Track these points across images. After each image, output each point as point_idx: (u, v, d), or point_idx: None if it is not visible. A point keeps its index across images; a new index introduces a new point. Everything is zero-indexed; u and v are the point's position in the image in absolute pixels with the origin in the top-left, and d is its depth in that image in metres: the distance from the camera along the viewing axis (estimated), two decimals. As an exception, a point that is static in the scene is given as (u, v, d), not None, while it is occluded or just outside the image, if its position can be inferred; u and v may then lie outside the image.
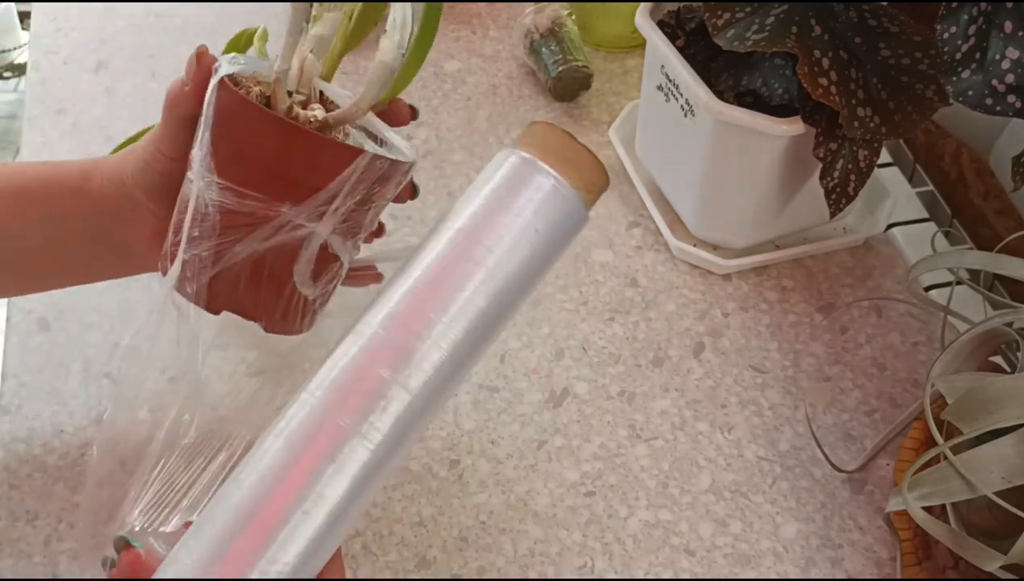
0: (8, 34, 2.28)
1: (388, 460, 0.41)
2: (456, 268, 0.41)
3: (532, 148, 0.44)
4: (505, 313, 0.42)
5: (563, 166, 0.43)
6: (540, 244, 0.42)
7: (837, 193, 0.64)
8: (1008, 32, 0.51)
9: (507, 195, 0.43)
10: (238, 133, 0.48)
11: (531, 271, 0.43)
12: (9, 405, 0.65)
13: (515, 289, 0.42)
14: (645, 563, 0.59)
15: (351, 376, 0.40)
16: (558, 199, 0.43)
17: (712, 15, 0.63)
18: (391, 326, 0.41)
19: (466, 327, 0.41)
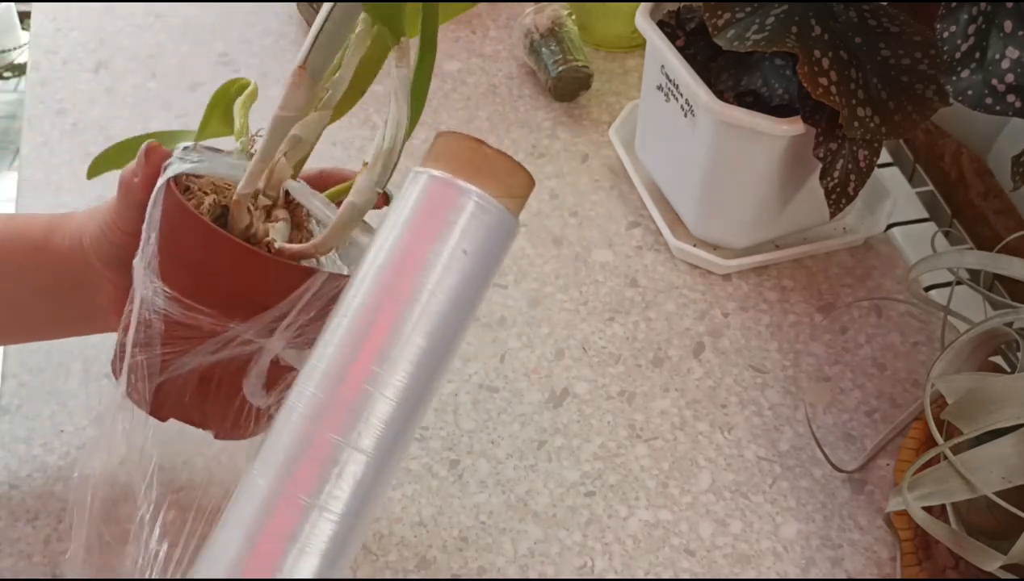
0: (8, 34, 2.28)
1: (355, 527, 0.37)
2: (387, 310, 0.38)
3: (443, 163, 0.40)
4: (449, 345, 0.40)
5: (480, 177, 0.40)
6: (472, 265, 0.39)
7: (837, 193, 0.65)
8: (1008, 32, 0.51)
9: (427, 221, 0.39)
10: (184, 244, 0.45)
11: (468, 295, 0.40)
12: (9, 405, 0.65)
13: (455, 318, 0.39)
14: (645, 563, 0.59)
15: (298, 448, 0.37)
16: (482, 214, 0.40)
17: (712, 15, 0.63)
18: (329, 386, 0.37)
19: (410, 371, 0.38)
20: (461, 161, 0.40)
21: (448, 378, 0.67)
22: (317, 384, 0.37)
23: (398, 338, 0.38)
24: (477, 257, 0.40)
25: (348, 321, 0.38)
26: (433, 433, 0.65)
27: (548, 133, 0.85)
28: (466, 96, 0.88)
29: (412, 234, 0.39)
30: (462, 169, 0.40)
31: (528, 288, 0.73)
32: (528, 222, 0.78)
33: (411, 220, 0.39)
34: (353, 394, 0.37)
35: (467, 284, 0.39)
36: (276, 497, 0.36)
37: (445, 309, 0.39)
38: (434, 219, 0.39)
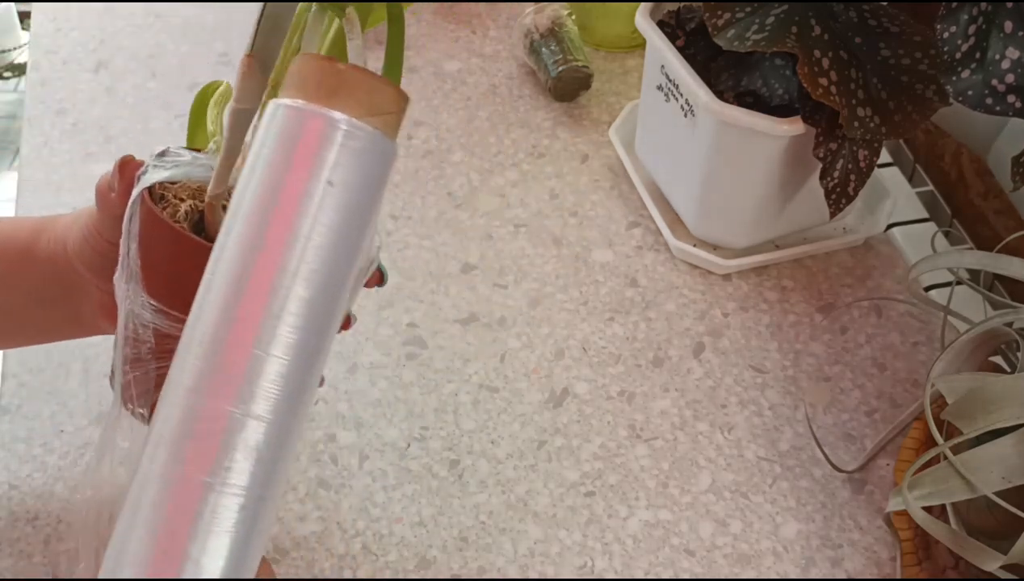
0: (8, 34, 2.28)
1: (265, 499, 0.35)
2: (260, 264, 0.35)
3: (295, 90, 0.36)
4: (337, 288, 0.36)
5: (337, 99, 0.36)
6: (345, 197, 0.35)
7: (837, 193, 0.64)
8: (1008, 32, 0.51)
9: (287, 158, 0.35)
10: (161, 255, 0.44)
11: (347, 231, 0.36)
12: (9, 405, 0.65)
13: (337, 259, 0.36)
14: (645, 563, 0.59)
15: (188, 424, 0.34)
16: (347, 140, 0.36)
17: (712, 15, 0.63)
18: (211, 353, 0.34)
19: (297, 324, 0.35)
20: (314, 84, 0.36)
21: (448, 378, 0.67)
22: (197, 353, 0.34)
23: (278, 291, 0.35)
24: (350, 187, 0.36)
25: (220, 280, 0.35)
26: (433, 433, 0.65)
27: (548, 133, 0.85)
28: (466, 96, 0.88)
29: (273, 175, 0.35)
30: (316, 93, 0.36)
31: (528, 288, 0.73)
32: (528, 222, 0.78)
33: (267, 159, 0.36)
34: (239, 358, 0.34)
35: (344, 220, 0.36)
36: (173, 482, 0.34)
37: (324, 252, 0.35)
38: (294, 154, 0.35)
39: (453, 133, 0.85)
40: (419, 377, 0.68)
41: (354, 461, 0.63)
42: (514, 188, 0.81)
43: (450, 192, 0.80)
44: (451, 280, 0.74)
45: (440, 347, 0.69)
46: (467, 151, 0.84)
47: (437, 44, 0.93)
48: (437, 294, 0.73)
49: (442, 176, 0.81)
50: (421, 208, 0.79)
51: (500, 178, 0.82)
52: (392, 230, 0.77)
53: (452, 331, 0.70)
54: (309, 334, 0.35)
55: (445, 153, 0.83)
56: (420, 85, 0.89)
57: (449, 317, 0.71)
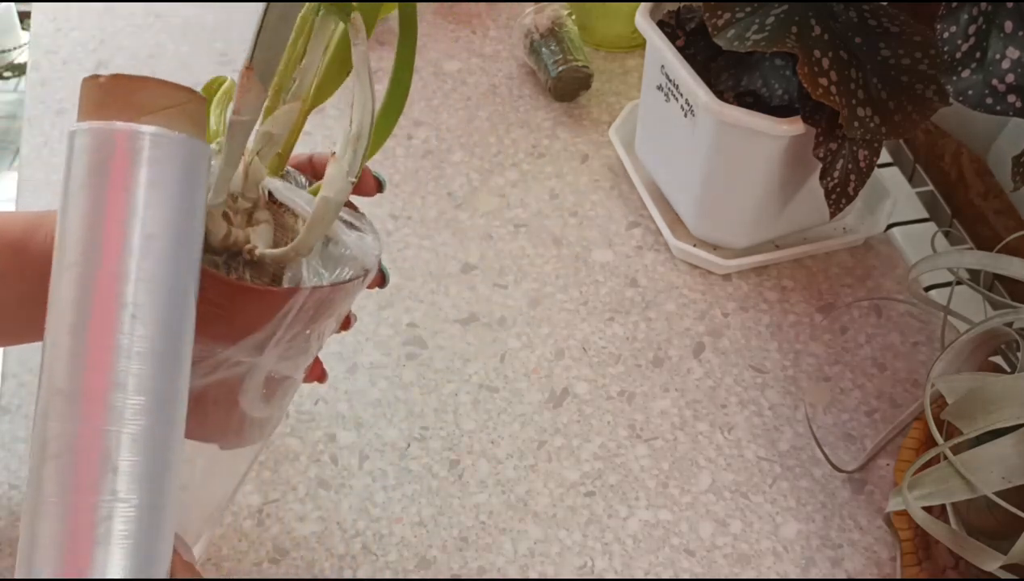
0: (8, 34, 2.28)
1: (157, 509, 0.35)
2: (96, 291, 0.35)
3: (82, 113, 0.36)
4: (179, 295, 0.36)
5: (105, 110, 0.35)
6: (158, 201, 0.35)
7: (837, 193, 0.64)
8: (1008, 32, 0.51)
9: (84, 187, 0.35)
10: None
11: (174, 232, 0.36)
12: (9, 405, 0.65)
13: (176, 259, 0.36)
14: (645, 563, 0.59)
15: (68, 461, 0.34)
16: (144, 147, 0.35)
17: (712, 15, 0.63)
18: (73, 386, 0.34)
19: (146, 333, 0.35)
20: (91, 102, 0.35)
21: (448, 378, 0.67)
22: (59, 390, 0.34)
23: (120, 309, 0.35)
24: (159, 190, 0.35)
25: (65, 308, 0.35)
26: (433, 433, 0.65)
27: (548, 133, 0.85)
28: (466, 96, 0.88)
29: (81, 208, 0.35)
30: (92, 109, 0.35)
31: (528, 288, 0.73)
32: (528, 222, 0.78)
33: (72, 191, 0.35)
34: (103, 384, 0.34)
35: (168, 222, 0.36)
36: (66, 514, 0.34)
37: (158, 261, 0.35)
38: (91, 178, 0.35)
39: (453, 133, 0.85)
40: (419, 377, 0.68)
41: (354, 461, 0.63)
42: (514, 188, 0.81)
43: (450, 192, 0.80)
44: (451, 280, 0.74)
45: (440, 347, 0.69)
46: (467, 151, 0.84)
47: (437, 44, 0.93)
48: (437, 294, 0.73)
49: (442, 176, 0.81)
50: (421, 208, 0.79)
51: (500, 178, 0.82)
52: (392, 230, 0.77)
53: (452, 331, 0.70)
54: (163, 338, 0.35)
55: (445, 153, 0.83)
56: (420, 85, 0.89)
57: (449, 317, 0.71)
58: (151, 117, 0.35)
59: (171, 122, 0.36)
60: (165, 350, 0.36)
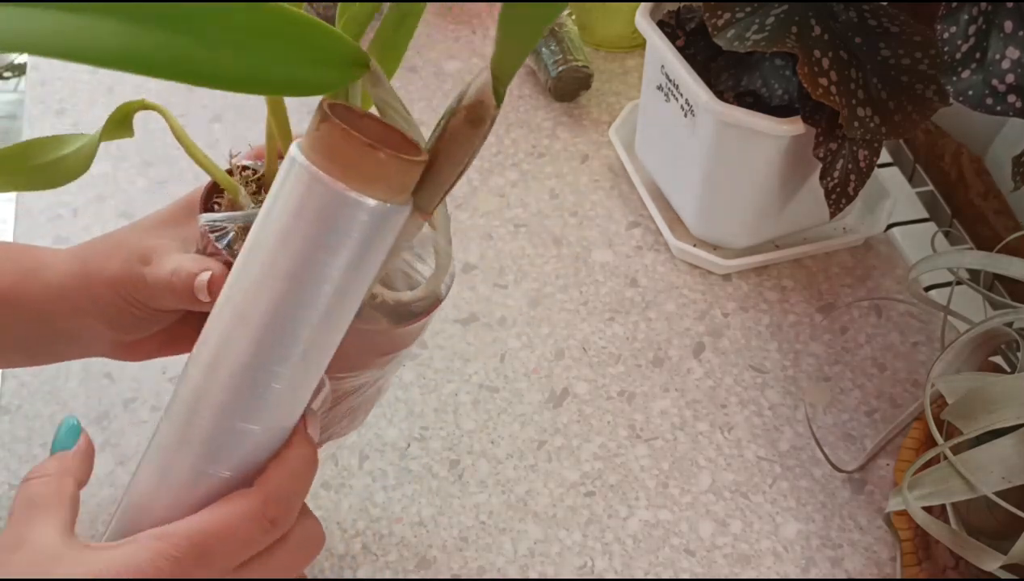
0: (8, 34, 2.27)
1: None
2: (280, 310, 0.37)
3: (325, 162, 0.35)
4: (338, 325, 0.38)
5: (371, 186, 0.36)
6: (357, 263, 0.37)
7: (837, 193, 0.64)
8: (1008, 32, 0.51)
9: (312, 238, 0.36)
10: None
11: (355, 286, 0.38)
12: (9, 405, 0.65)
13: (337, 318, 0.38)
14: (645, 563, 0.59)
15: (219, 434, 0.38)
16: (374, 222, 0.36)
17: (712, 15, 0.63)
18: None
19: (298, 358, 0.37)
20: (347, 164, 0.35)
21: (448, 378, 0.67)
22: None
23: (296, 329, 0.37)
24: (363, 254, 0.37)
25: (258, 316, 0.37)
26: (433, 433, 0.65)
27: (548, 133, 0.85)
28: (466, 96, 0.88)
29: (300, 252, 0.36)
30: (348, 174, 0.35)
31: (528, 288, 0.73)
32: (528, 222, 0.78)
33: (298, 234, 0.36)
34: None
35: (353, 278, 0.37)
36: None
37: (330, 308, 0.37)
38: (323, 237, 0.36)
39: (453, 133, 0.85)
40: (419, 377, 0.68)
41: (354, 461, 0.63)
42: (514, 188, 0.81)
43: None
44: (451, 280, 0.74)
45: (440, 347, 0.69)
46: (467, 151, 0.84)
47: (437, 44, 0.93)
48: (437, 294, 0.73)
49: (442, 176, 0.81)
50: (421, 208, 0.79)
51: (500, 178, 0.82)
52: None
53: (452, 331, 0.70)
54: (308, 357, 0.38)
55: (445, 153, 0.83)
56: (420, 85, 0.89)
57: (449, 317, 0.71)
58: (401, 197, 0.37)
59: (391, 193, 0.36)
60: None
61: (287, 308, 0.36)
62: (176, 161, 0.81)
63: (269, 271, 0.36)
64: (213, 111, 0.86)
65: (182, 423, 0.38)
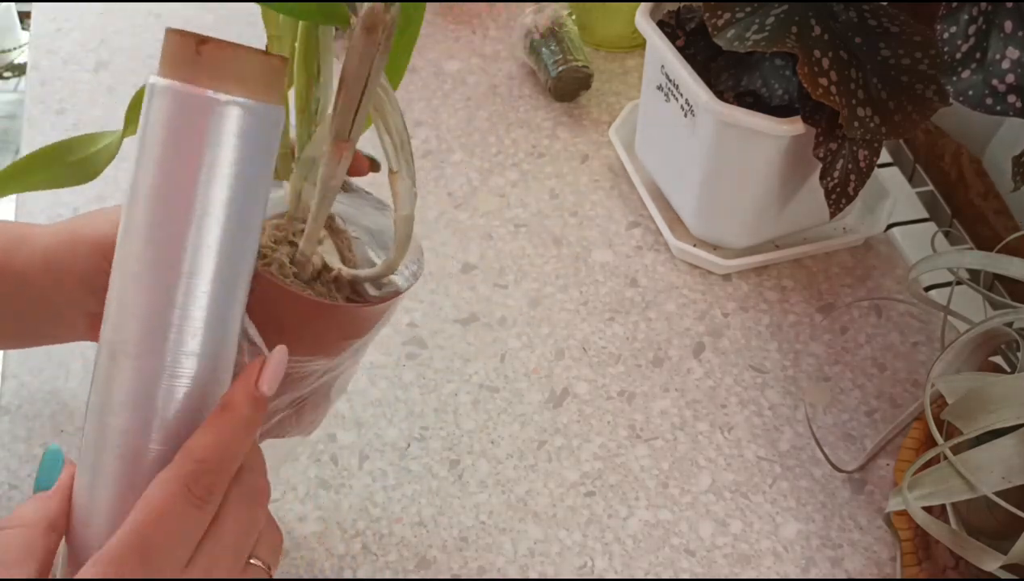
0: (8, 34, 2.28)
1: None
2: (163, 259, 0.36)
3: (171, 70, 0.36)
4: (246, 238, 0.37)
5: (218, 80, 0.35)
6: (239, 175, 0.36)
7: (837, 193, 0.64)
8: (1008, 32, 0.51)
9: (172, 149, 0.36)
10: (275, 312, 0.42)
11: (245, 201, 0.37)
12: (9, 405, 0.65)
13: (235, 235, 0.37)
14: (645, 563, 0.59)
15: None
16: (246, 123, 0.36)
17: (712, 15, 0.63)
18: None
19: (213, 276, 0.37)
20: (182, 62, 0.35)
21: (448, 378, 0.67)
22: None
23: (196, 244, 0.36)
24: (242, 164, 0.36)
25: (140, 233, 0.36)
26: (433, 433, 0.65)
27: (548, 133, 0.85)
28: (466, 96, 0.88)
29: (165, 167, 0.35)
30: (182, 70, 0.35)
31: (528, 288, 0.73)
32: (528, 222, 0.78)
33: (159, 152, 0.35)
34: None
35: (240, 192, 0.37)
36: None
37: (225, 228, 0.36)
38: (181, 145, 0.35)
39: (453, 133, 0.85)
40: (419, 377, 0.68)
41: (354, 461, 0.63)
42: (514, 188, 0.81)
43: (450, 192, 0.80)
44: (451, 280, 0.74)
45: (440, 347, 0.69)
46: (467, 151, 0.84)
47: (437, 44, 0.93)
48: (437, 294, 0.73)
49: (442, 176, 0.81)
50: (421, 208, 0.79)
51: (500, 178, 0.82)
52: (392, 230, 0.77)
53: (452, 331, 0.70)
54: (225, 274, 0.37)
55: (445, 153, 0.83)
56: (420, 85, 0.89)
57: (449, 317, 0.71)
58: (231, 84, 0.36)
59: (248, 90, 0.36)
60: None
61: (184, 235, 0.35)
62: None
63: (155, 209, 0.35)
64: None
65: (100, 407, 0.37)
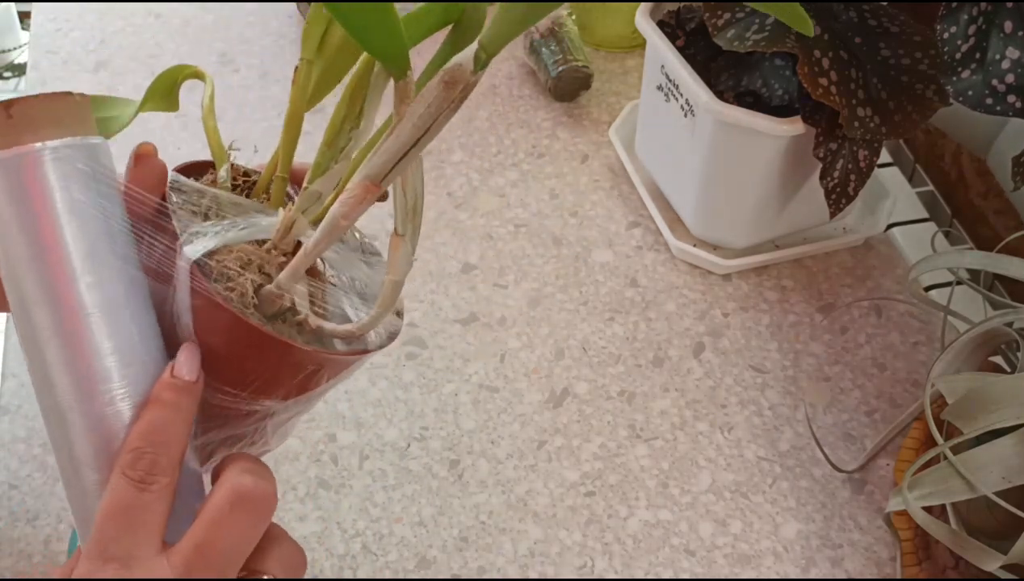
0: (8, 34, 2.28)
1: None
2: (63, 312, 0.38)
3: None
4: (119, 262, 0.38)
5: (31, 133, 0.37)
6: (89, 208, 0.38)
7: (837, 193, 0.64)
8: (1008, 32, 0.51)
9: (16, 210, 0.37)
10: (224, 340, 0.40)
11: (101, 229, 0.38)
12: (9, 405, 0.65)
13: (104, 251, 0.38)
14: (645, 563, 0.59)
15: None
16: (57, 164, 0.37)
17: (712, 15, 0.63)
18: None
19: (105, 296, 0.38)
20: (15, 127, 0.37)
21: (448, 378, 0.67)
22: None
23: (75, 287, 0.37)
24: (88, 191, 0.38)
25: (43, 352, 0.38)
26: (433, 433, 0.65)
27: (548, 133, 0.85)
28: (466, 96, 0.88)
29: (31, 221, 0.37)
30: (11, 135, 0.37)
31: (528, 288, 0.73)
32: (528, 222, 0.78)
33: (20, 207, 0.37)
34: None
35: (93, 221, 0.38)
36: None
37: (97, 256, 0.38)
38: (24, 203, 0.37)
39: (453, 133, 0.85)
40: (419, 377, 0.68)
41: (354, 461, 0.63)
42: (514, 188, 0.81)
43: (450, 192, 0.80)
44: (451, 280, 0.74)
45: (440, 347, 0.69)
46: (467, 151, 0.84)
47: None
48: (437, 294, 0.73)
49: (442, 176, 0.81)
50: (421, 208, 0.79)
51: (500, 178, 0.82)
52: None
53: (452, 331, 0.70)
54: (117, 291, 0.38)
55: (445, 153, 0.83)
56: (420, 85, 0.89)
57: (449, 317, 0.71)
58: (46, 132, 0.37)
59: (59, 130, 0.38)
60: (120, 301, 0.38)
61: (69, 279, 0.37)
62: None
63: (32, 268, 0.37)
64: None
65: (72, 470, 0.38)
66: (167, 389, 0.38)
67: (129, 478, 0.36)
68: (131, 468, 0.36)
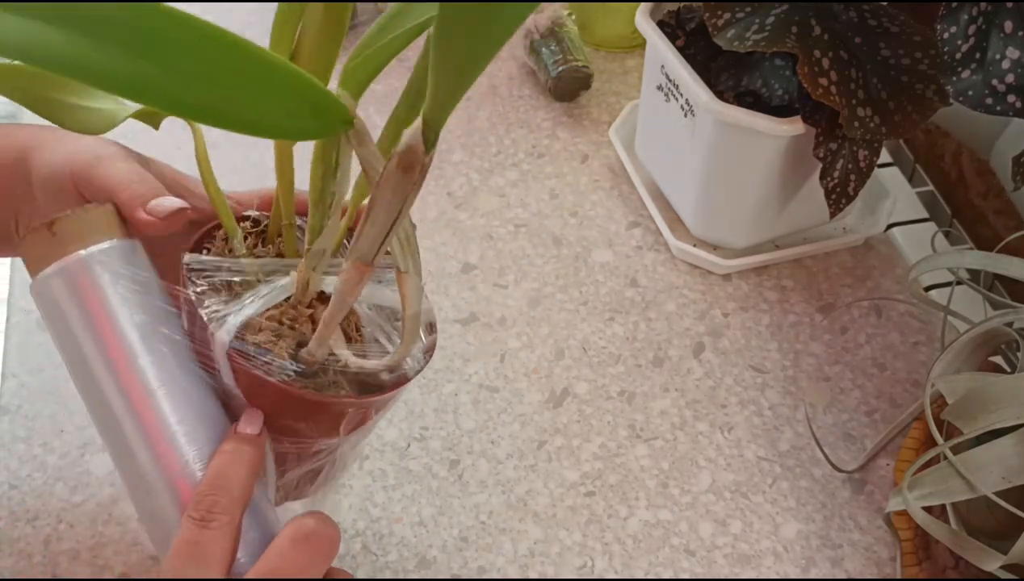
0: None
1: None
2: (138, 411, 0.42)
3: (41, 260, 0.43)
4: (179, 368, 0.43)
5: (76, 242, 0.43)
6: (138, 303, 0.42)
7: (837, 193, 0.64)
8: (1008, 32, 0.51)
9: (77, 321, 0.42)
10: (274, 406, 0.44)
11: (154, 322, 0.43)
12: (9, 405, 0.65)
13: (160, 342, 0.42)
14: (645, 563, 0.59)
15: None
16: (102, 269, 0.42)
17: (712, 15, 0.63)
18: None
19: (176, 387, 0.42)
20: (39, 256, 0.42)
21: (448, 378, 0.67)
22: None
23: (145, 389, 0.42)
24: (134, 283, 0.43)
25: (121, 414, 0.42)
26: (433, 433, 0.65)
27: (548, 133, 0.85)
28: (466, 96, 0.88)
29: (90, 322, 0.42)
30: (59, 249, 0.42)
31: (528, 288, 0.73)
32: (528, 222, 0.78)
33: (81, 310, 0.42)
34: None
35: (150, 318, 0.43)
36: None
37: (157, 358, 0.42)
38: (77, 304, 0.42)
39: (453, 133, 0.85)
40: (419, 377, 0.67)
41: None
42: (514, 188, 0.81)
43: (450, 192, 0.80)
44: (451, 280, 0.74)
45: (440, 347, 0.69)
46: (467, 151, 0.84)
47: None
48: (437, 294, 0.73)
49: (442, 176, 0.81)
50: (421, 208, 0.79)
51: (500, 178, 0.82)
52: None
53: (452, 331, 0.70)
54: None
55: (445, 153, 0.83)
56: (420, 85, 0.89)
57: (449, 317, 0.71)
58: (87, 240, 0.43)
59: (98, 237, 0.43)
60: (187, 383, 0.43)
61: (134, 367, 0.41)
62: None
63: (93, 372, 0.42)
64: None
65: (162, 534, 0.42)
66: (229, 441, 0.42)
67: (192, 518, 0.40)
68: (194, 509, 0.40)
